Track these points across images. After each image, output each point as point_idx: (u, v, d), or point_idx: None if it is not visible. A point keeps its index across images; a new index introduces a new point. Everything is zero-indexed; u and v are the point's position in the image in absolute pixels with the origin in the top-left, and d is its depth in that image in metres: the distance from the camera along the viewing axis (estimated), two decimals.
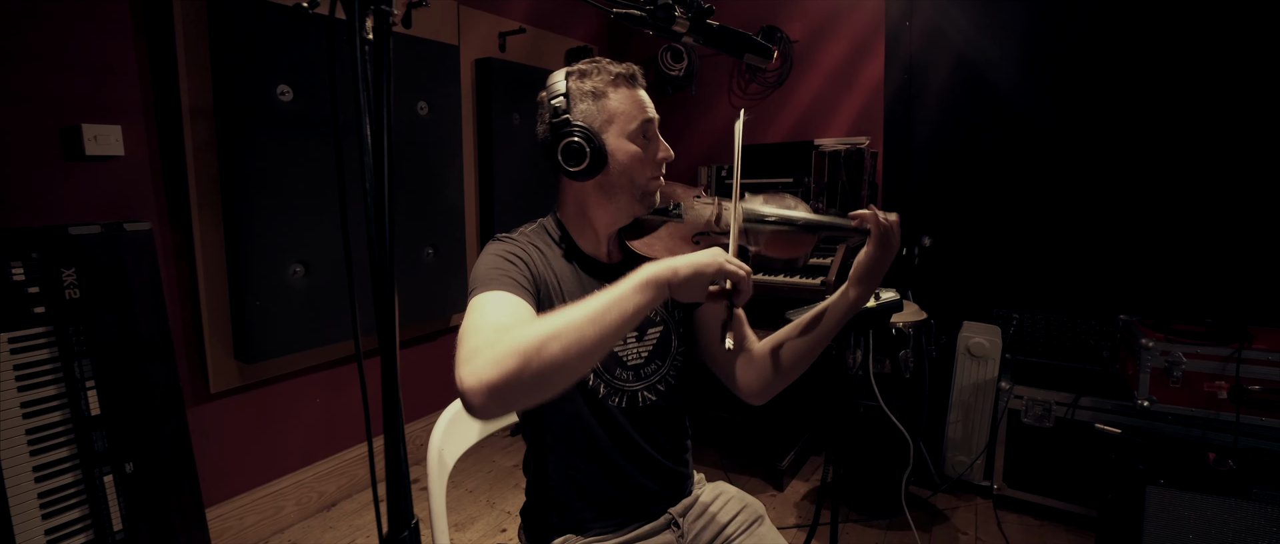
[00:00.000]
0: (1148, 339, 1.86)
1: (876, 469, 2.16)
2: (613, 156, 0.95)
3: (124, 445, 1.56)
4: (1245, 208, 2.13)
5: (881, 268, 0.94)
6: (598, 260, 1.02)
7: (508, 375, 0.67)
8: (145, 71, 1.74)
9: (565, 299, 0.96)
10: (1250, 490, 1.49)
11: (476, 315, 0.82)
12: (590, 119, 0.95)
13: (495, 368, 0.67)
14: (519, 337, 0.69)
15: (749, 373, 1.05)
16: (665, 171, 1.02)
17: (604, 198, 0.98)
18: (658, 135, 1.00)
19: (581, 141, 0.92)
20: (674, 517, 1.07)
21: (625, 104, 0.96)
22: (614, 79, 0.96)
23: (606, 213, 1.00)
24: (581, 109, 0.95)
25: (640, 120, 0.96)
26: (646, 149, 0.98)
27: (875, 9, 2.71)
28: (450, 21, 2.53)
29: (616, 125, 0.96)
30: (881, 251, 0.93)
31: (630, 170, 0.96)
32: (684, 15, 0.65)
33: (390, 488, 0.56)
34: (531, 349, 0.68)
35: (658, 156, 0.99)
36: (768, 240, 0.98)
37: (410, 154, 2.34)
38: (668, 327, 1.06)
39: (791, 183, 2.74)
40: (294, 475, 2.17)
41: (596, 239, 1.02)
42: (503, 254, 0.94)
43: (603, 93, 0.96)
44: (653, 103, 1.00)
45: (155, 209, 1.79)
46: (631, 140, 0.96)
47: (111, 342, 1.55)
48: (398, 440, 0.56)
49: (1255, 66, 2.08)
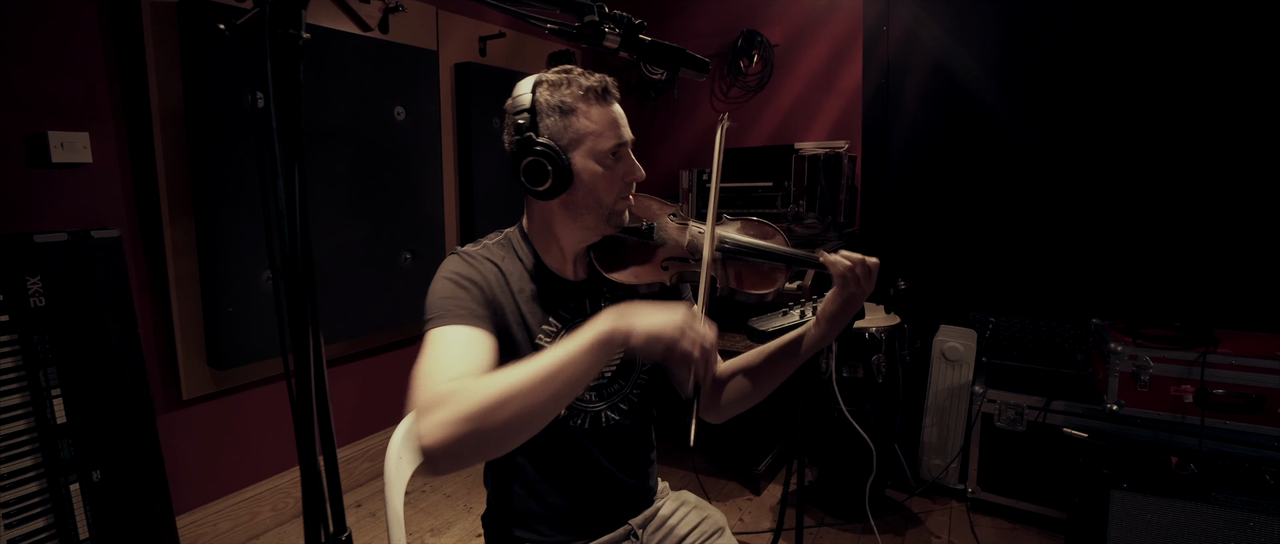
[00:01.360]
0: (1116, 343, 1.88)
1: (851, 474, 2.17)
2: (578, 177, 0.90)
3: (91, 453, 1.56)
4: (1216, 211, 2.15)
5: (849, 312, 0.94)
6: (563, 278, 1.00)
7: (461, 439, 0.67)
8: (114, 78, 1.73)
9: (525, 320, 0.94)
10: (1210, 494, 1.50)
11: (432, 356, 0.80)
12: (557, 136, 0.89)
13: (446, 430, 0.67)
14: (471, 400, 0.68)
15: (712, 396, 1.06)
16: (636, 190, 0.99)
17: (569, 217, 0.94)
18: (629, 155, 0.94)
19: (544, 162, 0.87)
20: (633, 527, 1.07)
21: (596, 123, 0.90)
22: (585, 94, 0.89)
23: (572, 232, 0.96)
24: (548, 124, 0.89)
25: (613, 142, 0.91)
26: (615, 169, 0.92)
27: (853, 13, 2.72)
28: (428, 26, 2.53)
29: (585, 145, 0.89)
30: (848, 301, 0.93)
31: (597, 191, 0.91)
32: (614, 31, 0.66)
33: (306, 503, 0.56)
34: (483, 413, 0.67)
35: (628, 178, 0.94)
36: (737, 273, 0.98)
37: (387, 159, 2.34)
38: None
39: (771, 186, 2.75)
40: (269, 481, 2.17)
41: (562, 256, 0.99)
42: (458, 279, 0.90)
43: (572, 108, 0.89)
44: (626, 118, 0.94)
45: (125, 216, 1.78)
46: (600, 161, 0.90)
47: (79, 349, 1.55)
48: (313, 456, 0.56)
49: (1225, 74, 2.10)
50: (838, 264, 0.91)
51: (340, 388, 2.38)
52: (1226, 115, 2.11)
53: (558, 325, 0.97)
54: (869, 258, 0.91)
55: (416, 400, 0.73)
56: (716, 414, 1.07)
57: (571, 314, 0.99)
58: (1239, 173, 2.11)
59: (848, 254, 0.91)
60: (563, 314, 0.98)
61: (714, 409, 1.06)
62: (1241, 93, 2.08)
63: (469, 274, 0.92)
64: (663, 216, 1.03)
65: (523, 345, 0.94)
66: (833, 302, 0.94)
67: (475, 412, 0.67)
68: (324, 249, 2.14)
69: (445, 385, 0.73)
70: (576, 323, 0.98)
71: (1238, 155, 2.11)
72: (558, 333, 0.97)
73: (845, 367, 2.08)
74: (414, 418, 0.71)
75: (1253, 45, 2.05)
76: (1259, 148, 2.08)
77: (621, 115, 0.94)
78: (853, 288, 0.91)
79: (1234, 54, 2.08)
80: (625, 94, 3.55)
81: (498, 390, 0.68)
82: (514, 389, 0.69)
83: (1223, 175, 2.13)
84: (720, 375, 1.06)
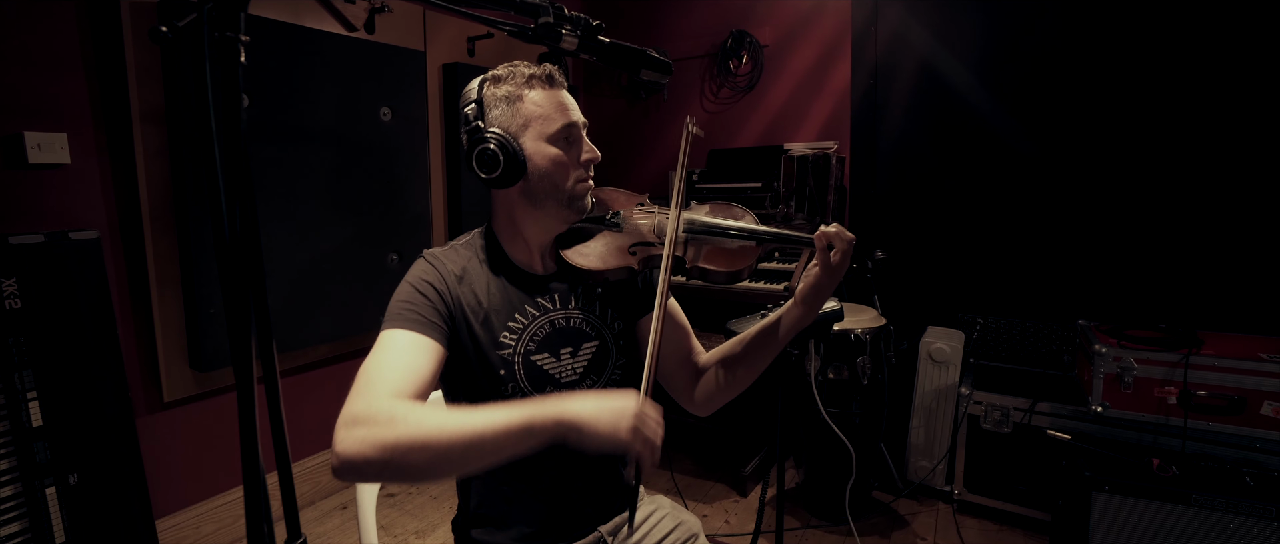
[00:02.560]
0: (1101, 345, 1.88)
1: (836, 476, 2.17)
2: (531, 161, 0.91)
3: (68, 457, 1.55)
4: (1202, 213, 2.15)
5: (827, 289, 0.93)
6: (530, 272, 1.00)
7: (371, 462, 0.70)
8: (94, 78, 1.72)
9: (489, 318, 0.94)
10: (1191, 496, 1.50)
11: (376, 359, 0.82)
12: (505, 124, 0.91)
13: (362, 449, 0.69)
14: (393, 433, 0.70)
15: (693, 386, 1.06)
16: (594, 173, 0.99)
17: (530, 205, 0.95)
18: (582, 137, 0.96)
19: (495, 148, 0.89)
20: (603, 534, 1.05)
21: (542, 106, 0.91)
22: (528, 80, 0.92)
23: (535, 221, 0.97)
24: (495, 114, 0.91)
25: (561, 123, 0.92)
26: (569, 152, 0.93)
27: (841, 14, 2.72)
28: (416, 26, 2.52)
29: (533, 129, 0.91)
30: (828, 274, 0.92)
31: (552, 174, 0.92)
32: (571, 32, 0.65)
33: (248, 509, 0.55)
34: (400, 450, 0.69)
35: (582, 157, 0.95)
36: (708, 252, 0.97)
37: (372, 160, 2.33)
38: (605, 340, 1.02)
39: (760, 187, 2.74)
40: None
41: (528, 251, 0.99)
42: (418, 283, 0.91)
43: (517, 96, 0.91)
44: (576, 105, 0.96)
45: (105, 217, 1.77)
46: (552, 143, 0.92)
47: (55, 352, 1.54)
48: (254, 458, 0.55)
49: (1211, 77, 2.10)
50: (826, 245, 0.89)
51: (324, 390, 2.37)
52: (1213, 117, 2.11)
53: (524, 322, 0.96)
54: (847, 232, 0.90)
55: (350, 405, 0.75)
56: (702, 407, 1.07)
57: (538, 310, 0.98)
58: (1225, 174, 2.11)
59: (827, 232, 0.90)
60: (529, 310, 0.97)
61: (699, 402, 1.06)
62: (1227, 95, 2.08)
63: (429, 278, 0.92)
64: (630, 206, 1.04)
65: (486, 344, 0.93)
66: (809, 278, 0.93)
67: (394, 445, 0.69)
68: (308, 250, 2.13)
69: (379, 405, 0.74)
70: (542, 318, 0.97)
71: (1224, 157, 2.11)
72: (523, 329, 0.96)
73: (831, 369, 2.08)
74: (340, 422, 0.72)
75: (1237, 48, 2.05)
76: (1245, 149, 2.08)
77: (569, 99, 0.95)
78: (830, 259, 0.90)
79: (1219, 57, 2.08)
80: (616, 95, 3.57)
81: (420, 434, 0.70)
82: (434, 439, 0.70)
83: (1209, 177, 2.13)
84: (702, 366, 1.06)
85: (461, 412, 0.72)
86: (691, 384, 1.06)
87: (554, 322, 0.98)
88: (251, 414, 0.53)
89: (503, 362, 0.94)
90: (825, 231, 0.90)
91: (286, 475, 0.68)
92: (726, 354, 1.03)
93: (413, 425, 0.71)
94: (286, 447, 0.66)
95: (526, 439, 0.72)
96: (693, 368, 1.06)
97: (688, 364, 1.07)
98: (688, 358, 1.07)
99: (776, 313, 0.99)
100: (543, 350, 0.97)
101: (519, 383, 0.95)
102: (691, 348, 1.08)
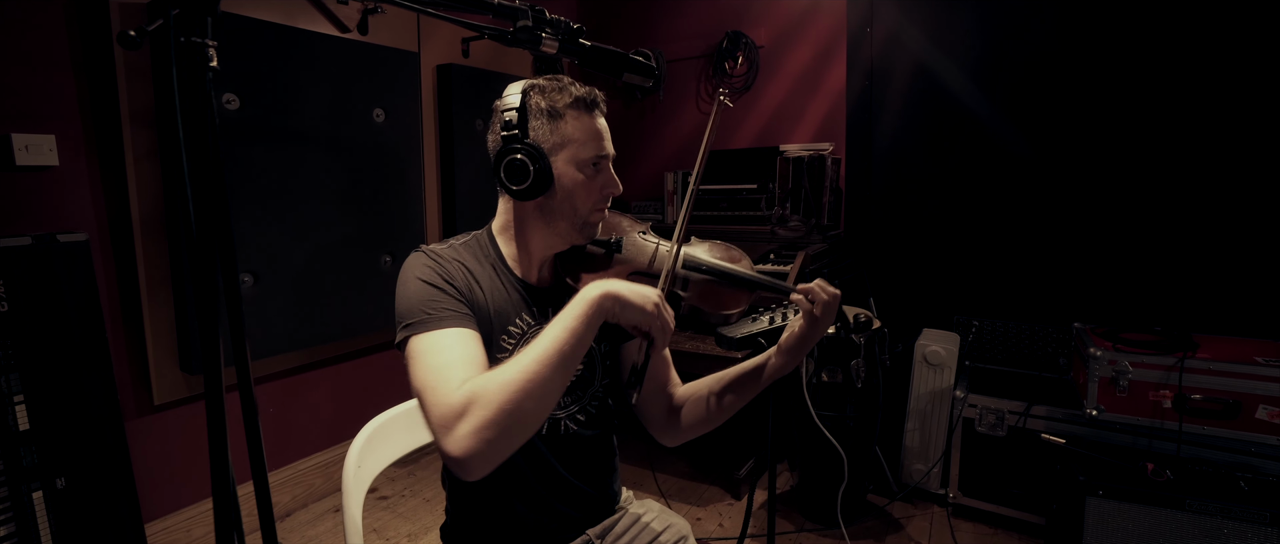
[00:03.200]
0: (1096, 348, 1.87)
1: (830, 480, 2.16)
2: (558, 181, 0.92)
3: (56, 460, 1.54)
4: (1198, 214, 2.14)
5: (810, 340, 0.95)
6: (528, 282, 1.00)
7: (493, 441, 0.71)
8: (82, 79, 1.71)
9: (490, 320, 0.93)
10: (1185, 501, 1.49)
11: (430, 365, 0.79)
12: (542, 138, 0.92)
13: (479, 437, 0.70)
14: (494, 401, 0.71)
15: (666, 417, 1.06)
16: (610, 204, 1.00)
17: (543, 221, 0.96)
18: (609, 169, 0.97)
19: (526, 160, 0.89)
20: (591, 537, 1.05)
21: (582, 131, 0.92)
22: (574, 102, 0.92)
23: (543, 236, 0.97)
24: (535, 126, 0.92)
25: (595, 152, 0.93)
26: (594, 180, 0.94)
27: (837, 15, 2.71)
28: (409, 27, 2.51)
29: (568, 151, 0.92)
30: (811, 327, 0.93)
31: (574, 197, 0.93)
32: (551, 36, 0.64)
33: (218, 516, 0.55)
34: (509, 410, 0.71)
35: (605, 190, 0.96)
36: (700, 292, 0.98)
37: (365, 162, 2.31)
38: (593, 356, 1.03)
39: (756, 188, 2.74)
40: (244, 486, 2.14)
41: (529, 261, 0.99)
42: (433, 279, 0.89)
43: (560, 114, 0.92)
44: (610, 133, 0.97)
45: (94, 219, 1.76)
46: (580, 169, 0.93)
47: (43, 355, 1.53)
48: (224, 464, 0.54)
49: (1206, 79, 2.09)
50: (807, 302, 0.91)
51: (318, 391, 2.36)
52: (1209, 119, 2.10)
53: (522, 329, 0.96)
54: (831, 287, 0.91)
55: (434, 415, 0.74)
56: (673, 437, 1.07)
57: (535, 319, 0.98)
58: (1221, 177, 2.10)
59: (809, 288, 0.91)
60: (526, 319, 0.97)
61: (670, 433, 1.07)
62: (1223, 97, 2.07)
63: (442, 272, 0.91)
64: (632, 233, 1.04)
65: (492, 341, 0.93)
66: (796, 335, 0.94)
67: (502, 411, 0.70)
68: (301, 252, 2.12)
69: (459, 393, 0.73)
70: (534, 329, 0.97)
71: (1219, 159, 2.10)
72: (522, 336, 0.96)
73: (825, 371, 2.07)
74: (437, 431, 0.73)
75: (1232, 50, 2.04)
76: (1240, 151, 2.07)
77: (606, 129, 0.96)
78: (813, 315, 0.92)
79: (1215, 59, 2.07)
80: (611, 95, 3.56)
81: (515, 383, 0.72)
82: (528, 376, 0.72)
83: (1205, 179, 2.12)
84: (678, 399, 1.07)
85: (524, 349, 0.76)
86: (665, 414, 1.06)
87: None
88: (221, 421, 0.52)
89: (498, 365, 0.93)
90: (805, 287, 0.91)
91: (262, 484, 0.68)
92: (706, 390, 1.03)
93: (501, 387, 0.72)
94: (263, 459, 0.65)
95: (596, 319, 0.78)
96: (669, 399, 1.07)
97: (664, 394, 1.07)
98: (665, 388, 1.07)
99: (758, 359, 1.00)
100: None
101: None
102: (670, 378, 1.08)
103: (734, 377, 1.00)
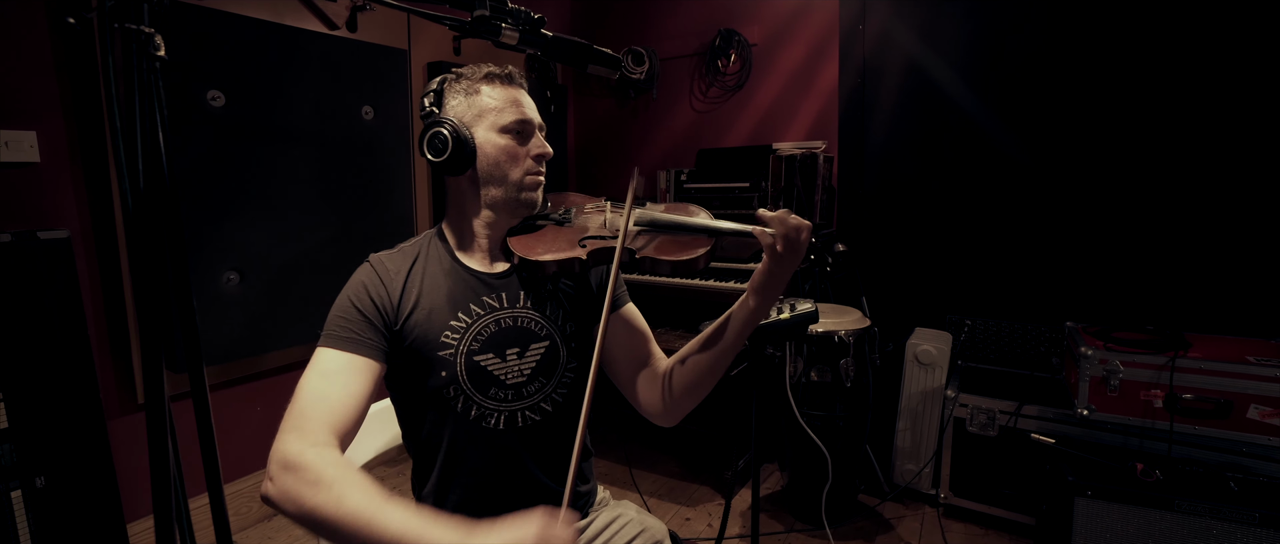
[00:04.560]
0: (1087, 347, 1.85)
1: (819, 480, 2.14)
2: (481, 150, 0.94)
3: (35, 459, 1.52)
4: (1190, 213, 2.13)
5: (780, 278, 0.87)
6: (478, 271, 0.98)
7: (288, 514, 0.74)
8: (64, 75, 1.70)
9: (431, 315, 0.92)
10: (1174, 501, 1.48)
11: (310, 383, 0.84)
12: (460, 114, 0.95)
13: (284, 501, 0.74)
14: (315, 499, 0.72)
15: (653, 392, 1.02)
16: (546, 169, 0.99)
17: (479, 195, 0.97)
18: (537, 135, 0.98)
19: (447, 133, 0.91)
20: None
21: (499, 99, 0.95)
22: (486, 76, 0.96)
23: (484, 213, 0.97)
24: (452, 104, 0.95)
25: (514, 116, 0.94)
26: (522, 146, 0.96)
27: (830, 13, 2.70)
28: (399, 25, 2.50)
29: (486, 119, 0.94)
30: (776, 263, 0.85)
31: (502, 163, 0.94)
32: (510, 28, 0.63)
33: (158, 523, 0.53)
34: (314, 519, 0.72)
35: (533, 152, 0.96)
36: (658, 244, 0.95)
37: (354, 160, 2.30)
38: (555, 341, 0.99)
39: (748, 187, 2.72)
40: (232, 485, 2.14)
41: (479, 247, 0.99)
42: (354, 295, 0.92)
43: (474, 89, 0.95)
44: (535, 105, 0.98)
45: (77, 216, 1.75)
46: (504, 134, 0.94)
47: (22, 352, 1.51)
48: (165, 467, 0.53)
49: (1199, 78, 2.07)
50: (763, 232, 0.84)
51: None
52: (1202, 118, 2.08)
53: (467, 321, 0.94)
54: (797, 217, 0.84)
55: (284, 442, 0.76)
56: (664, 415, 1.03)
57: (483, 309, 0.96)
58: (1213, 176, 2.08)
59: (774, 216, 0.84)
60: (474, 309, 0.95)
61: (661, 410, 1.02)
62: (1215, 96, 2.06)
63: (367, 284, 0.93)
64: (585, 206, 1.04)
65: (425, 346, 0.92)
66: (760, 270, 0.88)
67: (311, 513, 0.72)
68: (288, 250, 2.11)
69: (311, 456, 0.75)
70: (488, 316, 0.96)
71: (1212, 158, 2.08)
72: (466, 329, 0.94)
73: (814, 371, 2.05)
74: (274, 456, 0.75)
75: (1224, 50, 2.02)
76: (1233, 150, 2.05)
77: (526, 98, 0.98)
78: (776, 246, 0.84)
79: (1207, 58, 2.05)
80: (605, 94, 3.55)
81: (335, 514, 0.72)
82: (347, 523, 0.71)
83: (1197, 178, 2.11)
84: (662, 372, 1.02)
85: (383, 503, 0.71)
86: (651, 391, 1.02)
87: (500, 321, 0.96)
88: (163, 430, 0.51)
89: (443, 363, 0.92)
90: (763, 214, 0.84)
91: (217, 492, 0.66)
92: (688, 354, 0.98)
93: (334, 500, 0.72)
94: (217, 463, 0.64)
95: None
96: (652, 374, 1.03)
97: (647, 370, 1.04)
98: (646, 363, 1.04)
99: (733, 306, 0.94)
100: (487, 351, 0.94)
101: (460, 385, 0.92)
102: (651, 353, 1.05)
103: (711, 332, 0.95)
